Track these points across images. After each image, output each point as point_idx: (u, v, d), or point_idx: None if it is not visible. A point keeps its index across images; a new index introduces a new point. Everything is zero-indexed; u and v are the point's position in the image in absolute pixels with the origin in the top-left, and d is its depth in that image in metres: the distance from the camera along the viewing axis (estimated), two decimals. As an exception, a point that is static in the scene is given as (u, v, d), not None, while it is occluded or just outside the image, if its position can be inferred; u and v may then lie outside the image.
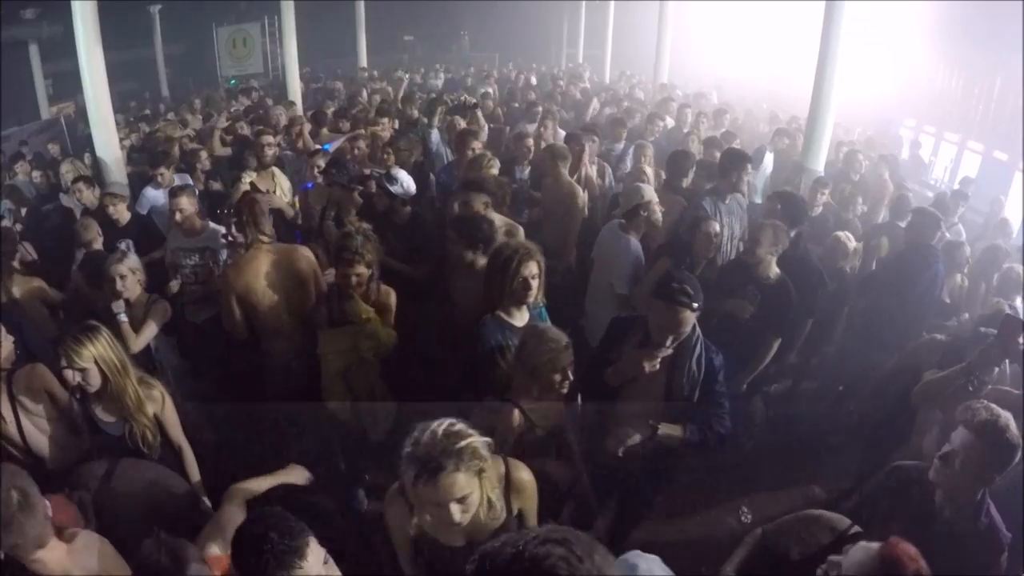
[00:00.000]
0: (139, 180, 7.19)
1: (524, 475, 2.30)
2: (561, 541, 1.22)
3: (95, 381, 2.98)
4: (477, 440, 1.98)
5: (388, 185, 4.61)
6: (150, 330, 3.96)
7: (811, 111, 7.15)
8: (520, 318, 3.39)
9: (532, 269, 3.29)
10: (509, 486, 2.24)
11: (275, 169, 6.05)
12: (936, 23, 11.84)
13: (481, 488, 2.05)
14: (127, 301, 3.92)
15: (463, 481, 1.94)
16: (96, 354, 2.95)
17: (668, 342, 2.86)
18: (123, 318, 3.85)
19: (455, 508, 1.95)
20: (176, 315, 4.57)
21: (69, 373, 2.95)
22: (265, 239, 3.94)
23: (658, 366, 2.87)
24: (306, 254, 4.06)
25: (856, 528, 2.27)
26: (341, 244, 3.54)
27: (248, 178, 5.75)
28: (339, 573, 1.97)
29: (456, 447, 1.92)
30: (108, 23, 6.78)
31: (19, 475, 1.99)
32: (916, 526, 2.49)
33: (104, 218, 5.35)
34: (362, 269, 3.53)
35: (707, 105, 10.97)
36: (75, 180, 6.22)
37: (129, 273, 3.89)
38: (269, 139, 6.08)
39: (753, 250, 4.12)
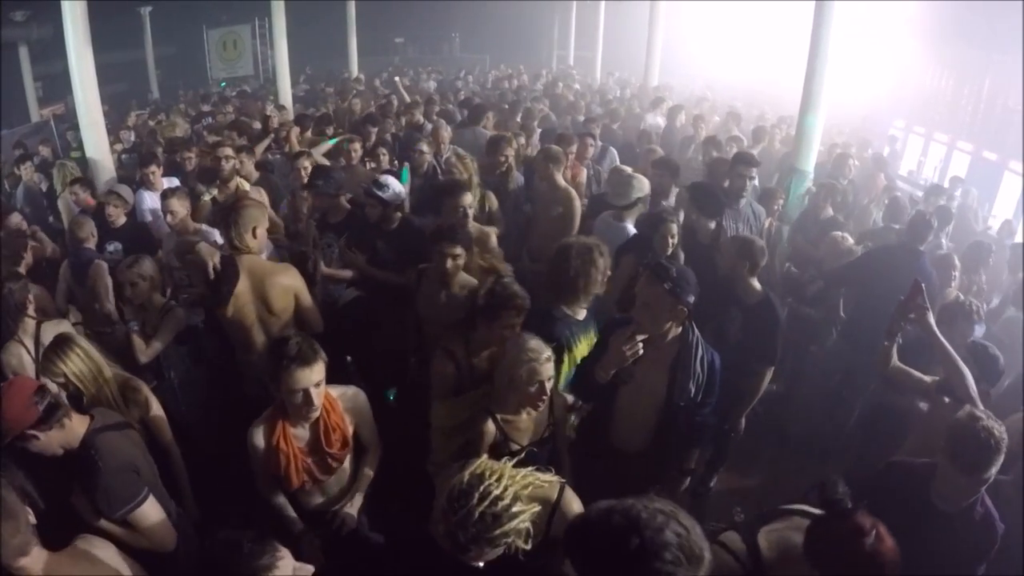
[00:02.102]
0: (129, 183, 7.16)
1: (575, 508, 2.21)
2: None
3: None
4: (512, 526, 1.88)
5: (379, 192, 4.47)
6: (160, 341, 3.85)
7: (801, 111, 7.16)
8: (581, 313, 3.39)
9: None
10: (554, 516, 2.16)
11: (240, 180, 5.83)
12: (926, 24, 11.91)
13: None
14: (142, 307, 3.86)
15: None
16: (67, 370, 2.97)
17: (642, 317, 2.81)
18: (134, 327, 3.78)
19: None
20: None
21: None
22: (249, 250, 3.58)
23: (640, 350, 2.79)
24: (288, 275, 3.65)
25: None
26: (504, 291, 3.07)
27: (208, 196, 5.56)
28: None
29: (489, 536, 1.85)
30: (98, 25, 6.73)
31: None
32: (913, 519, 2.51)
33: (100, 219, 5.32)
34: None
35: (705, 107, 11.03)
36: (72, 182, 6.19)
37: (139, 280, 3.79)
38: (227, 151, 5.88)
39: (724, 264, 3.95)
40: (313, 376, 2.55)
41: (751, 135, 8.48)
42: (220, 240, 4.65)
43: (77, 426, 2.53)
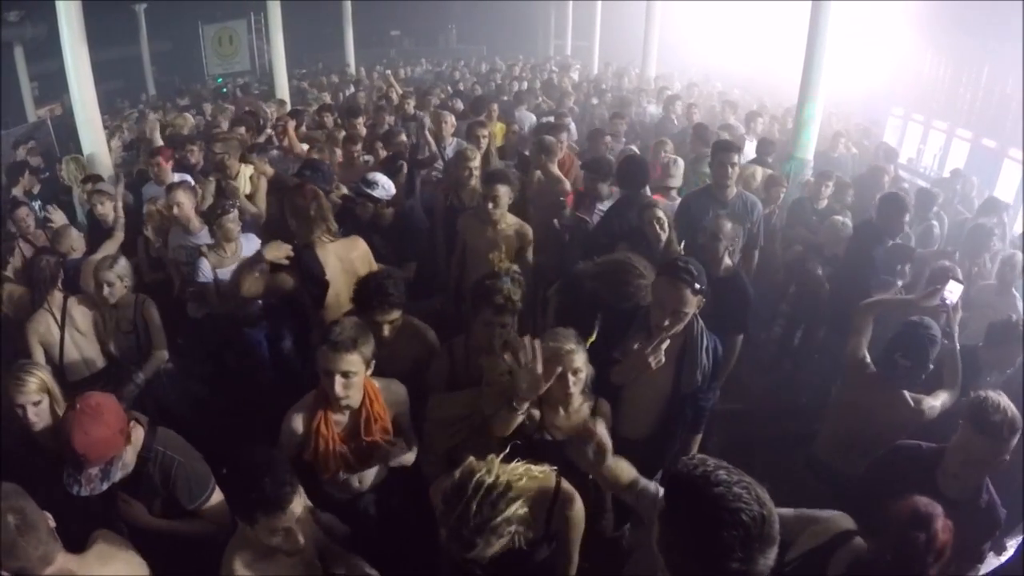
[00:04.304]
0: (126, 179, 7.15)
1: (575, 499, 2.19)
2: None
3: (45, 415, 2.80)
4: (512, 511, 1.89)
5: (368, 190, 4.42)
6: (163, 342, 4.02)
7: (800, 99, 7.15)
8: None
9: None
10: (553, 509, 2.14)
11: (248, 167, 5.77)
12: (924, 11, 11.85)
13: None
14: (114, 306, 3.92)
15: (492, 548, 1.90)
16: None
17: (666, 322, 2.76)
18: (138, 380, 3.88)
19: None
20: (177, 311, 4.63)
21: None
22: (322, 240, 3.70)
23: (664, 359, 2.77)
24: (360, 244, 3.86)
25: None
26: (488, 287, 3.04)
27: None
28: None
29: (491, 524, 1.85)
30: (93, 22, 6.72)
31: (13, 494, 1.89)
32: None
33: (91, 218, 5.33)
34: (510, 319, 3.05)
35: (695, 94, 10.99)
36: (85, 180, 6.16)
37: (117, 280, 3.85)
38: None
39: (712, 246, 3.89)
40: (341, 364, 2.55)
41: (744, 121, 8.45)
42: (209, 241, 4.63)
43: (139, 432, 2.53)
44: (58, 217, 5.26)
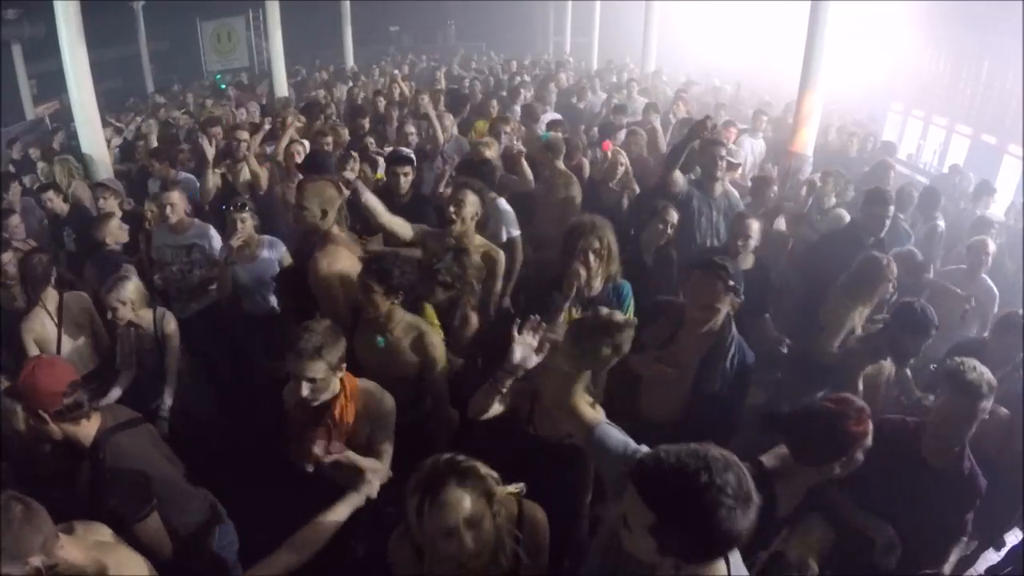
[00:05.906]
0: (125, 179, 7.17)
1: (538, 515, 2.11)
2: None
3: None
4: (482, 467, 1.88)
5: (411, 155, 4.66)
6: (175, 347, 3.84)
7: (799, 94, 7.13)
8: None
9: (593, 244, 3.30)
10: (522, 527, 2.04)
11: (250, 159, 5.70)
12: (924, 6, 11.83)
13: (492, 519, 1.88)
14: (130, 323, 3.74)
15: (469, 501, 1.79)
16: None
17: (698, 315, 2.80)
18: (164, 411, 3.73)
19: (466, 533, 1.78)
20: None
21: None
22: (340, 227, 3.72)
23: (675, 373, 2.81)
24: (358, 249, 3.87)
25: None
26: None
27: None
28: None
29: (460, 467, 1.83)
30: (91, 21, 6.69)
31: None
32: (904, 474, 2.65)
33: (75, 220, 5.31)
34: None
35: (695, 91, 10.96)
36: (40, 188, 6.00)
37: (119, 304, 3.63)
38: (243, 134, 5.95)
39: (742, 244, 4.10)
40: (306, 371, 2.52)
41: (751, 120, 8.39)
42: (217, 239, 4.61)
43: (89, 426, 2.51)
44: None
